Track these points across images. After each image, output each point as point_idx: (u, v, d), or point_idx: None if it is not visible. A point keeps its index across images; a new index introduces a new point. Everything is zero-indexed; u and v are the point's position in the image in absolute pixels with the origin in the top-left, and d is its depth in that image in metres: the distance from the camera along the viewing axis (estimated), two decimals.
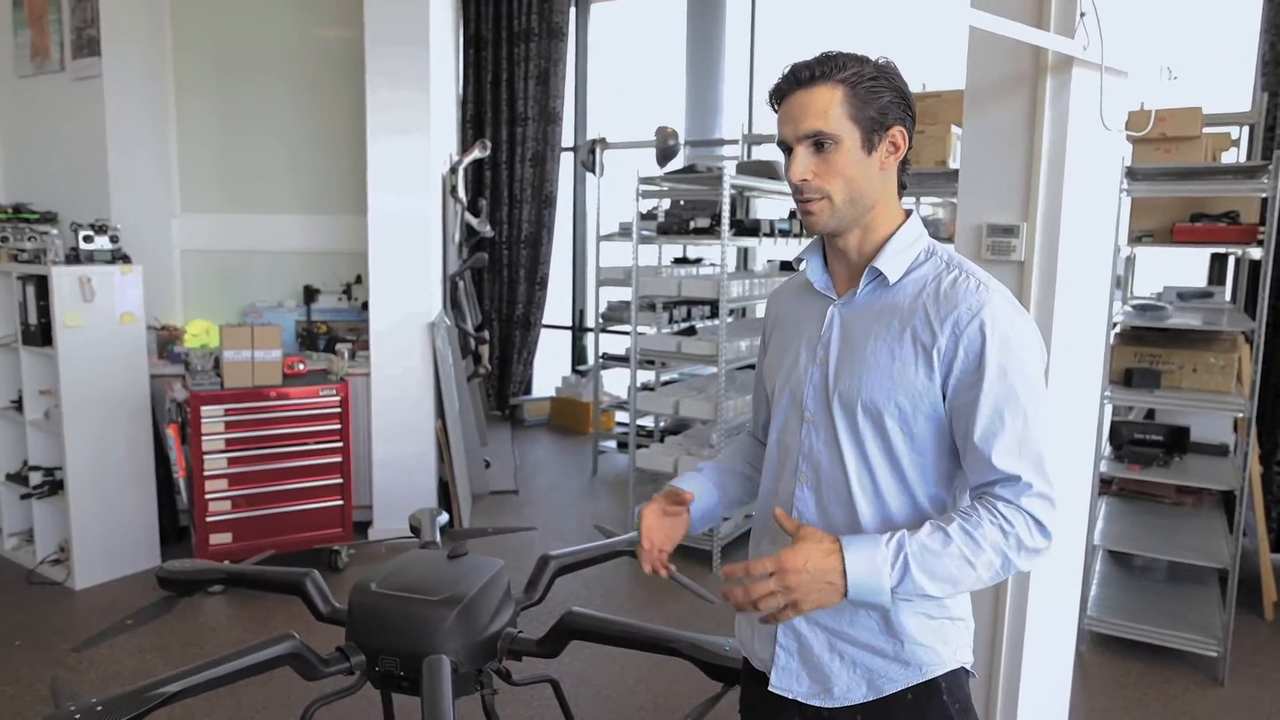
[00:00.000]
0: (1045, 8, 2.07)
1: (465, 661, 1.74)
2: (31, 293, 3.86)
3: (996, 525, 1.18)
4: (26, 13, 5.10)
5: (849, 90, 1.24)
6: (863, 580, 1.15)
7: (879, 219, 1.31)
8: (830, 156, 1.25)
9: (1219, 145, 3.89)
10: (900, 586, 1.15)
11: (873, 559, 1.16)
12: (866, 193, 1.28)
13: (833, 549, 1.17)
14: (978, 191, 2.24)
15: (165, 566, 2.07)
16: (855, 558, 1.16)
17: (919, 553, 1.16)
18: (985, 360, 1.21)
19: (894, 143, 1.27)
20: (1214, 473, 3.60)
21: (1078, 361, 2.27)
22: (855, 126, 1.24)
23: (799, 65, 1.26)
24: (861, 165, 1.26)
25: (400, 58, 4.50)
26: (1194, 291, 4.19)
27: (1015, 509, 1.19)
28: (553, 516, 5.10)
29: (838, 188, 1.26)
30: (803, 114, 1.25)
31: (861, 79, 1.24)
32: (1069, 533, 2.37)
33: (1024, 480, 1.20)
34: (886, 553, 1.16)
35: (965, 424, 1.23)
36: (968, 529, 1.18)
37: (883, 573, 1.15)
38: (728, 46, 6.55)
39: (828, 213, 1.28)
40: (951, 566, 1.16)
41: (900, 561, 1.15)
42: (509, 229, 6.87)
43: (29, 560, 4.15)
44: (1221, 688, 3.24)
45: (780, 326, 1.46)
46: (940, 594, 1.18)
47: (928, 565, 1.16)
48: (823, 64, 1.25)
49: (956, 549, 1.16)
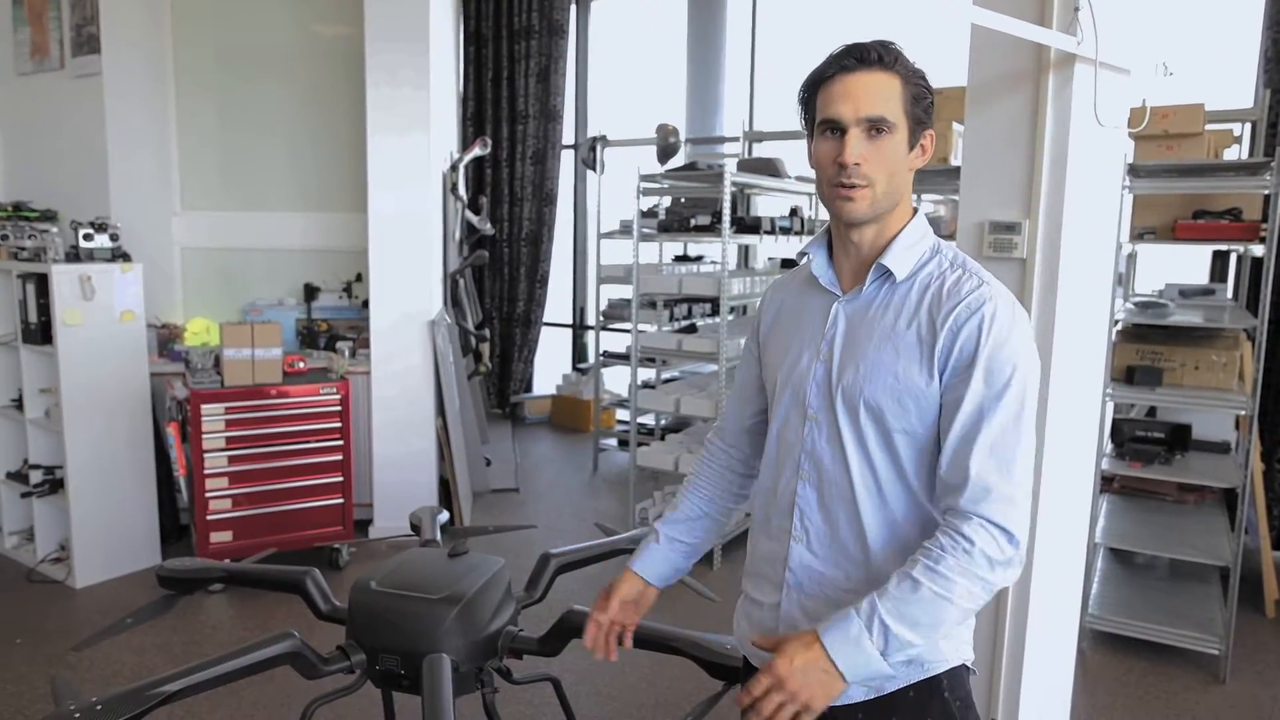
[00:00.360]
0: (1047, 4, 2.06)
1: (466, 660, 1.74)
2: (31, 291, 3.86)
3: (959, 550, 1.16)
4: (26, 10, 5.10)
5: (904, 83, 1.24)
6: (851, 659, 1.15)
7: (895, 216, 1.31)
8: (883, 144, 1.23)
9: (1221, 142, 3.88)
10: (888, 649, 1.15)
11: (848, 634, 1.16)
12: (900, 188, 1.28)
13: (812, 640, 1.17)
14: (979, 188, 2.24)
15: (165, 565, 2.07)
16: (834, 640, 1.16)
17: (892, 609, 1.15)
18: (976, 360, 1.21)
19: (924, 146, 1.29)
20: (1215, 470, 3.59)
21: (1079, 359, 2.27)
22: (907, 120, 1.24)
23: (862, 45, 1.24)
24: (904, 159, 1.26)
25: (400, 55, 4.49)
26: (1196, 289, 4.18)
27: (976, 524, 1.17)
28: (553, 515, 5.10)
29: (882, 178, 1.25)
30: (866, 96, 1.22)
31: (913, 74, 1.25)
32: (1071, 530, 2.36)
33: (984, 483, 1.18)
34: (860, 623, 1.16)
35: (948, 419, 1.23)
36: (931, 565, 1.16)
37: (863, 644, 1.15)
38: (728, 43, 6.54)
39: (869, 200, 1.25)
40: (930, 610, 1.15)
41: (878, 625, 1.15)
42: (509, 227, 6.86)
43: (29, 559, 4.15)
44: (1223, 685, 3.24)
45: (780, 322, 1.45)
46: (928, 640, 1.17)
47: (906, 616, 1.15)
48: (887, 50, 1.24)
49: (927, 591, 1.15)
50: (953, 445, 1.22)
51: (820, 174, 1.29)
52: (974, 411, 1.20)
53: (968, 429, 1.21)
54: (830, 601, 1.31)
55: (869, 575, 1.29)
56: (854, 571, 1.31)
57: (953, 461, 1.22)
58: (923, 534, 1.28)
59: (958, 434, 1.21)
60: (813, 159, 1.30)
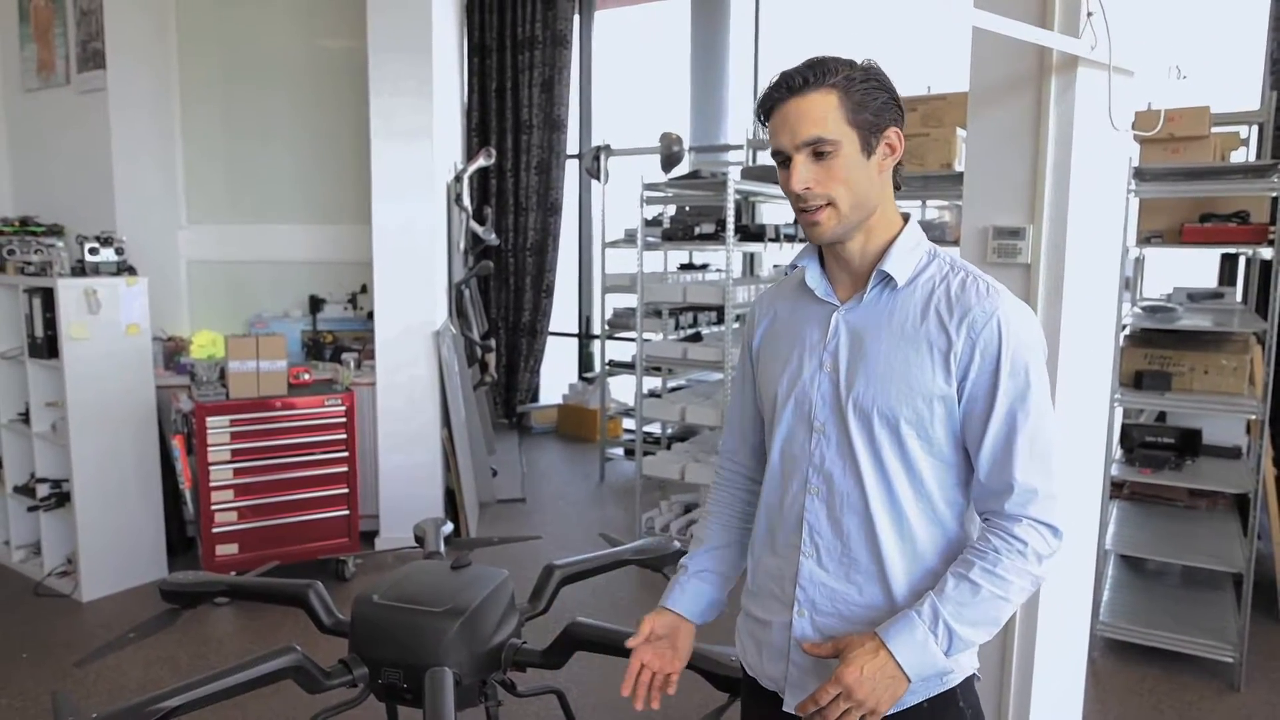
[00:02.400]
0: (1049, 7, 2.05)
1: (468, 673, 1.73)
2: (38, 305, 3.87)
3: (1014, 551, 1.20)
4: (33, 27, 5.13)
5: (843, 94, 1.22)
6: (918, 662, 1.19)
7: (879, 223, 1.29)
8: (831, 163, 1.22)
9: (1228, 144, 3.86)
10: (952, 648, 1.19)
11: (913, 638, 1.19)
12: (869, 197, 1.26)
13: (877, 646, 1.20)
14: (983, 194, 2.22)
15: (167, 579, 2.07)
16: (900, 645, 1.19)
17: (955, 612, 1.19)
18: (1001, 363, 1.22)
19: (890, 144, 1.26)
20: (1227, 475, 3.55)
21: (1087, 364, 2.24)
22: (854, 130, 1.22)
23: (789, 72, 1.24)
24: (862, 169, 1.24)
25: (404, 66, 4.51)
26: (1204, 292, 4.15)
27: (1026, 525, 1.21)
28: (559, 525, 5.08)
29: (841, 194, 1.24)
30: (800, 122, 1.22)
31: (854, 82, 1.22)
32: (1081, 537, 2.34)
33: (1030, 486, 1.22)
34: (925, 626, 1.19)
35: (980, 427, 1.24)
36: (988, 568, 1.20)
37: (929, 646, 1.19)
38: (732, 52, 6.54)
39: (834, 220, 1.25)
40: (989, 610, 1.20)
41: (942, 628, 1.19)
42: (514, 236, 6.87)
43: (36, 572, 4.15)
44: (1238, 694, 3.20)
45: (774, 334, 1.41)
46: (988, 637, 1.22)
47: (968, 618, 1.19)
48: (814, 69, 1.23)
49: (987, 592, 1.19)
50: (991, 452, 1.23)
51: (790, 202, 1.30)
52: (1006, 416, 1.22)
53: (1004, 434, 1.22)
54: (845, 619, 1.29)
55: (884, 589, 1.27)
56: (868, 585, 1.28)
57: (994, 469, 1.23)
58: (937, 539, 1.28)
59: (994, 440, 1.23)
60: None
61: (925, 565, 1.27)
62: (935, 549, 1.27)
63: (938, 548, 1.28)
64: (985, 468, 1.24)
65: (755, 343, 1.45)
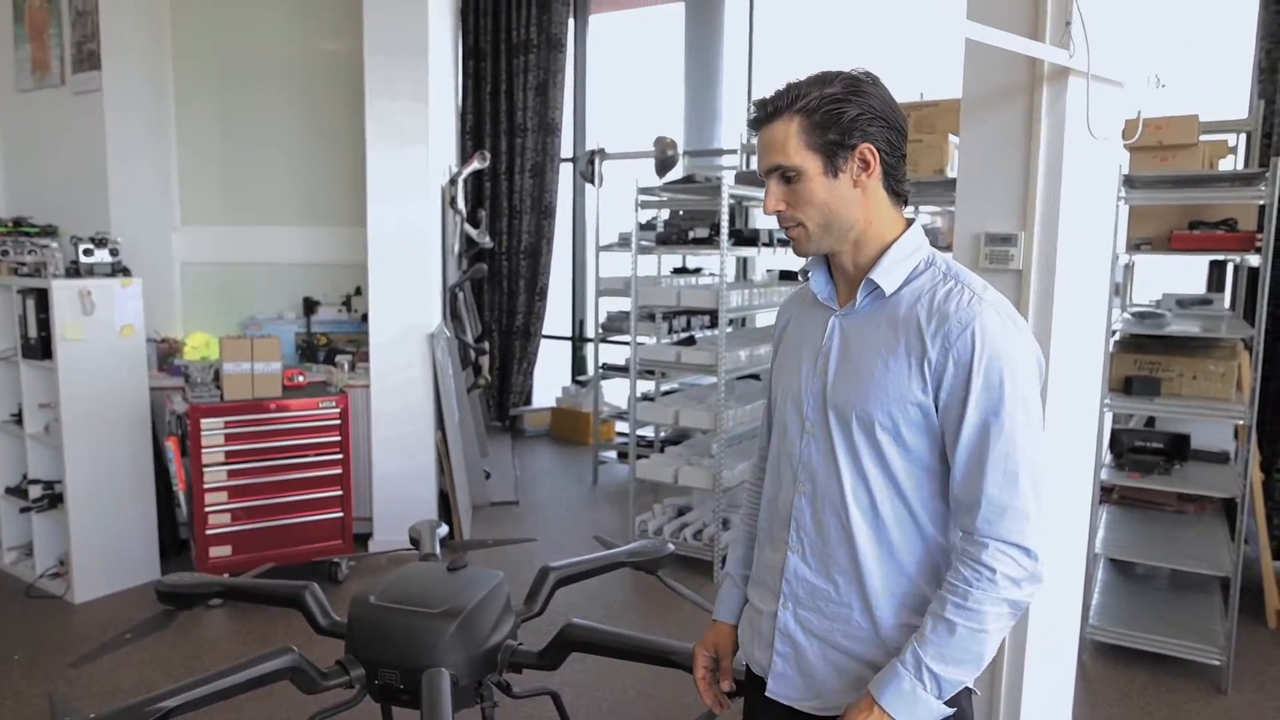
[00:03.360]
0: (1040, 18, 2.08)
1: (465, 674, 1.74)
2: (31, 306, 3.87)
3: (983, 580, 1.20)
4: (27, 27, 5.13)
5: (804, 119, 1.24)
6: (911, 711, 1.21)
7: (870, 235, 1.30)
8: (797, 187, 1.27)
9: (1216, 153, 3.89)
10: (943, 692, 1.21)
11: (901, 691, 1.21)
12: (843, 215, 1.28)
13: (869, 704, 1.23)
14: (975, 200, 2.25)
15: (163, 580, 2.07)
16: (892, 700, 1.21)
17: (936, 655, 1.20)
18: (973, 374, 1.21)
19: (863, 159, 1.26)
20: (1215, 480, 3.58)
21: (1077, 370, 2.27)
22: (815, 154, 1.25)
23: (759, 100, 1.29)
24: (831, 190, 1.26)
25: (399, 69, 4.52)
26: (1193, 299, 4.19)
27: (994, 550, 1.20)
28: (553, 527, 5.09)
29: (810, 215, 1.28)
30: (765, 148, 1.28)
31: (821, 103, 1.24)
32: (1070, 541, 2.36)
33: (1000, 502, 1.20)
34: (910, 675, 1.21)
35: (953, 437, 1.24)
36: (959, 603, 1.20)
37: (918, 695, 1.21)
38: (726, 57, 6.57)
39: (805, 239, 1.31)
40: (970, 645, 1.20)
41: (927, 675, 1.20)
42: (508, 240, 6.88)
43: (28, 574, 4.15)
44: (1225, 696, 3.23)
45: (788, 337, 1.47)
46: (977, 673, 1.23)
47: (951, 659, 1.20)
48: (779, 97, 1.26)
49: (964, 629, 1.19)
50: (962, 463, 1.23)
51: None
52: (978, 426, 1.22)
53: (974, 445, 1.22)
54: (825, 616, 1.33)
55: (860, 589, 1.30)
56: (845, 584, 1.31)
57: (964, 480, 1.24)
58: (914, 546, 1.29)
59: (965, 451, 1.23)
60: None
61: (901, 569, 1.29)
62: (912, 555, 1.29)
63: (914, 553, 1.29)
64: (957, 478, 1.24)
65: (776, 344, 1.52)
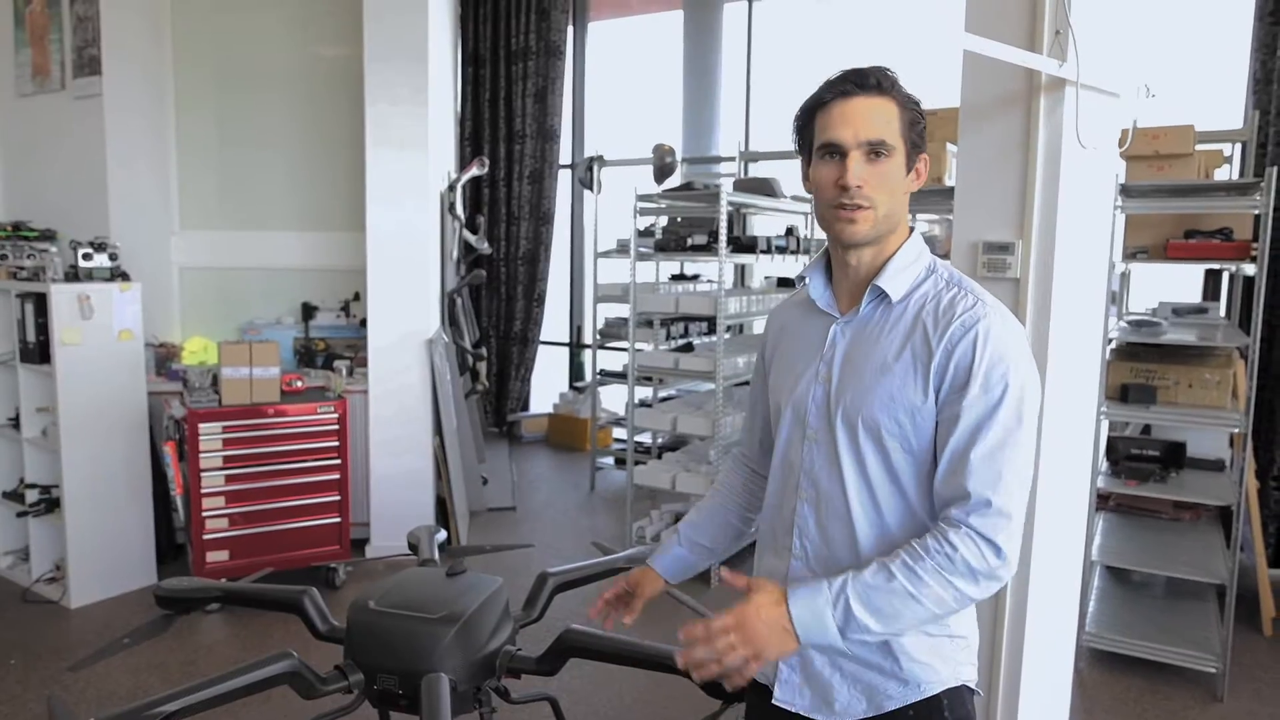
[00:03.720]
0: (1038, 29, 2.10)
1: (464, 679, 1.74)
2: (30, 310, 3.87)
3: (941, 553, 1.18)
4: (28, 32, 5.14)
5: (902, 109, 1.27)
6: (809, 624, 1.19)
7: (893, 238, 1.33)
8: (883, 167, 1.26)
9: (1212, 162, 3.92)
10: (847, 628, 1.18)
11: (814, 603, 1.19)
12: (898, 209, 1.31)
13: (780, 598, 1.21)
14: (973, 209, 2.26)
15: (163, 585, 2.06)
16: (798, 604, 1.19)
17: (862, 591, 1.18)
18: (972, 376, 1.22)
19: (919, 170, 1.31)
20: (1211, 488, 3.60)
21: (1074, 377, 2.28)
22: (904, 144, 1.28)
23: (862, 70, 1.27)
24: (902, 182, 1.29)
25: (399, 74, 4.53)
26: (1189, 307, 4.21)
27: (963, 533, 1.19)
28: (550, 533, 5.09)
29: (883, 200, 1.27)
30: (867, 119, 1.26)
31: (912, 102, 1.29)
32: (1067, 548, 2.37)
33: (982, 497, 1.20)
34: (829, 595, 1.19)
35: (945, 435, 1.24)
36: (909, 563, 1.19)
37: (825, 615, 1.18)
38: (724, 65, 6.60)
39: (870, 222, 1.28)
40: (895, 603, 1.18)
41: (842, 603, 1.18)
42: (507, 246, 6.89)
43: (24, 578, 4.14)
44: (1221, 704, 3.24)
45: (783, 344, 1.47)
46: (889, 630, 1.19)
47: (871, 603, 1.18)
48: (885, 76, 1.27)
49: (900, 584, 1.18)
50: (947, 459, 1.23)
51: (820, 197, 1.30)
52: (970, 426, 1.22)
53: (963, 443, 1.22)
54: None
55: None
56: None
57: (947, 475, 1.23)
58: None
59: (953, 448, 1.23)
60: (811, 183, 1.32)
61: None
62: None
63: None
64: (941, 473, 1.24)
65: (768, 351, 1.51)
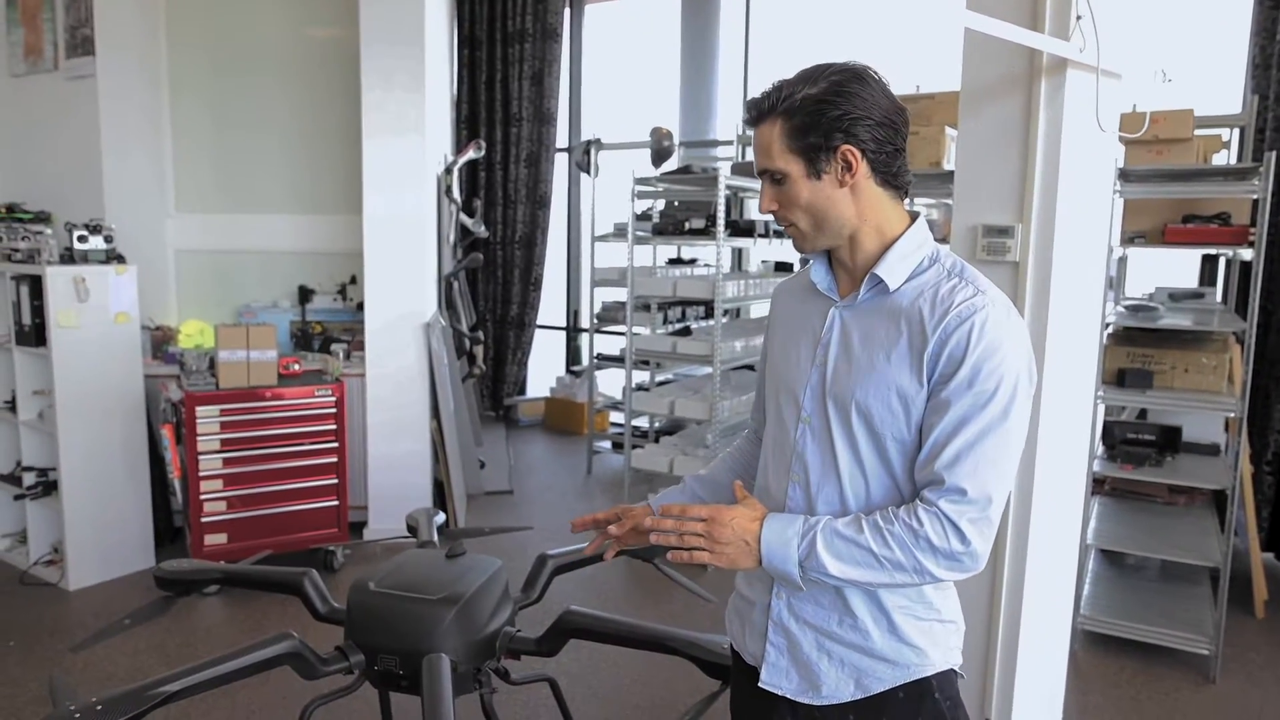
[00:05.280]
0: (1040, 10, 2.09)
1: (464, 660, 1.75)
2: (25, 293, 3.85)
3: (909, 527, 1.20)
4: (20, 12, 5.09)
5: (785, 122, 1.25)
6: (773, 547, 1.24)
7: (866, 231, 1.30)
8: (785, 189, 1.29)
9: (1210, 147, 3.92)
10: (808, 561, 1.22)
11: (784, 531, 1.24)
12: (832, 215, 1.28)
13: (757, 516, 1.27)
14: (973, 192, 2.26)
15: (163, 566, 2.07)
16: (771, 527, 1.25)
17: (829, 535, 1.22)
18: (963, 366, 1.21)
19: (846, 161, 1.25)
20: (1205, 472, 3.62)
21: (1071, 362, 2.29)
22: (796, 157, 1.26)
23: (750, 100, 1.31)
24: (815, 191, 1.27)
25: (395, 58, 4.50)
26: (1185, 292, 4.21)
27: (931, 512, 1.20)
28: (547, 517, 5.10)
29: (799, 216, 1.30)
30: (757, 150, 1.31)
31: (803, 104, 1.24)
32: (1064, 532, 2.39)
33: (953, 485, 1.20)
34: (799, 528, 1.24)
35: (930, 422, 1.24)
36: (880, 524, 1.22)
37: (791, 545, 1.23)
38: (722, 47, 6.56)
39: (800, 239, 1.33)
40: (857, 555, 1.21)
41: (809, 538, 1.22)
42: (503, 229, 6.87)
43: (22, 561, 4.14)
44: (1213, 685, 3.27)
45: (783, 324, 1.47)
46: (844, 578, 1.22)
47: (834, 548, 1.21)
48: (765, 98, 1.28)
49: (866, 539, 1.21)
50: (930, 446, 1.23)
51: None
52: (956, 417, 1.21)
53: (946, 433, 1.22)
54: (819, 604, 1.33)
55: None
56: None
57: (927, 460, 1.23)
58: None
59: (936, 436, 1.22)
60: None
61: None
62: None
63: None
64: (922, 458, 1.24)
65: (770, 332, 1.52)
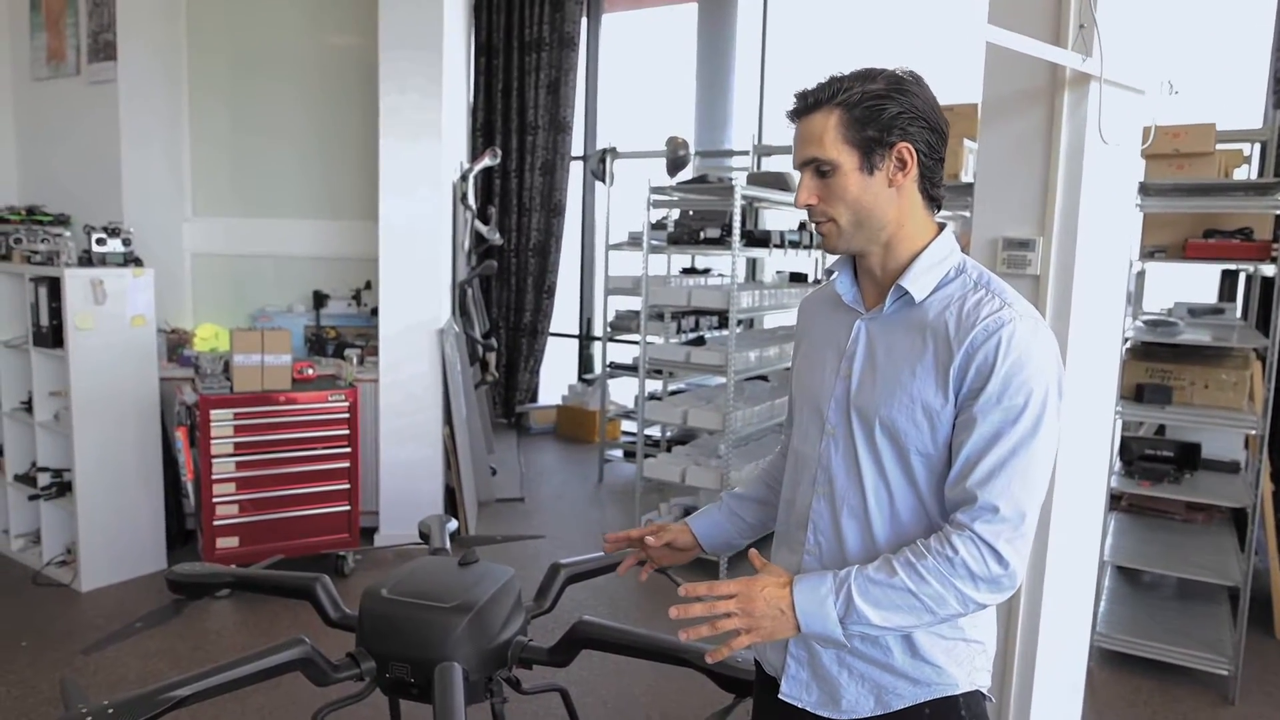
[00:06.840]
0: (1063, 24, 2.08)
1: (476, 669, 1.74)
2: (44, 294, 3.87)
3: (943, 556, 1.17)
4: (44, 16, 5.14)
5: (845, 112, 1.23)
6: (810, 611, 1.19)
7: (901, 238, 1.29)
8: (831, 181, 1.25)
9: (1231, 162, 3.89)
10: (848, 617, 1.18)
11: (817, 591, 1.19)
12: (875, 214, 1.27)
13: (785, 581, 1.22)
14: (994, 205, 2.24)
15: (176, 570, 2.06)
16: (802, 590, 1.20)
17: (864, 585, 1.18)
18: (991, 381, 1.19)
19: (901, 159, 1.25)
20: (1225, 490, 3.57)
21: (1091, 376, 2.27)
22: (852, 149, 1.24)
23: (800, 91, 1.27)
24: (865, 187, 1.25)
25: (413, 63, 4.52)
26: (1205, 308, 4.17)
27: (965, 537, 1.17)
28: (558, 525, 5.09)
29: (841, 211, 1.27)
30: (802, 140, 1.27)
31: (863, 98, 1.23)
32: (1082, 549, 2.36)
33: (991, 503, 1.17)
34: (832, 584, 1.19)
35: (960, 439, 1.22)
36: (912, 561, 1.18)
37: (827, 604, 1.18)
38: (738, 57, 6.57)
39: (836, 235, 1.29)
40: (896, 598, 1.17)
41: (844, 594, 1.18)
42: (518, 237, 6.89)
43: (35, 561, 4.16)
44: (1232, 707, 3.22)
45: (809, 337, 1.46)
46: (889, 625, 1.18)
47: (871, 596, 1.17)
48: (821, 89, 1.25)
49: (901, 581, 1.17)
50: (960, 464, 1.21)
51: None
52: (986, 433, 1.19)
53: (977, 450, 1.20)
54: None
55: None
56: None
57: (958, 479, 1.21)
58: None
59: (967, 454, 1.20)
60: None
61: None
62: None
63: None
64: (953, 477, 1.22)
65: (797, 343, 1.51)
